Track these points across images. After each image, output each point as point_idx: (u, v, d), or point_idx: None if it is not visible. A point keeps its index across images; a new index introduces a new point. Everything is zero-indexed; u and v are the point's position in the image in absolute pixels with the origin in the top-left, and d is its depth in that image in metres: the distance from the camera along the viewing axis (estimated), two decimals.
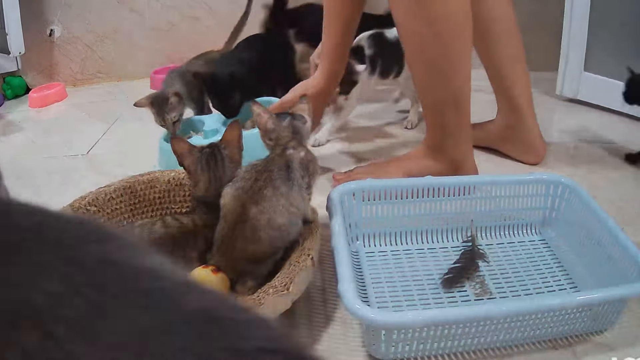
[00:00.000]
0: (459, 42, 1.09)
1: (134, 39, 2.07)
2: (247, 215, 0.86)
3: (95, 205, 1.02)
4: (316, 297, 0.95)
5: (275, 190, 0.86)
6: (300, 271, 0.82)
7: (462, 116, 1.17)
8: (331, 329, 0.88)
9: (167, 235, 0.90)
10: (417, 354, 0.82)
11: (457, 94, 1.14)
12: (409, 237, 1.08)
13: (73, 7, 2.02)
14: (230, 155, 0.95)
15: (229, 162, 0.95)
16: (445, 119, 1.18)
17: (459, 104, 1.16)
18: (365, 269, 1.01)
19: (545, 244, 1.08)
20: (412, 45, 1.12)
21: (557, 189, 1.08)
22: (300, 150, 0.91)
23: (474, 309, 0.84)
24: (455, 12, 1.06)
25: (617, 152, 1.49)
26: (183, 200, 1.11)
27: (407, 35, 1.12)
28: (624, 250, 0.88)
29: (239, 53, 1.54)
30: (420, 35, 1.08)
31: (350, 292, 0.76)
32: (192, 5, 1.97)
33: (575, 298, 0.80)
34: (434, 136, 1.21)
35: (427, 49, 1.09)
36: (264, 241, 0.86)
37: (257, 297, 0.78)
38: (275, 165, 0.89)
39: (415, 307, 0.92)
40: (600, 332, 0.86)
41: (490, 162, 1.44)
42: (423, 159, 1.23)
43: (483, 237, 1.09)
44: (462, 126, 1.18)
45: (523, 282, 0.97)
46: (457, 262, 1.01)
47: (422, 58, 1.12)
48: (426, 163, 1.22)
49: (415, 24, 1.07)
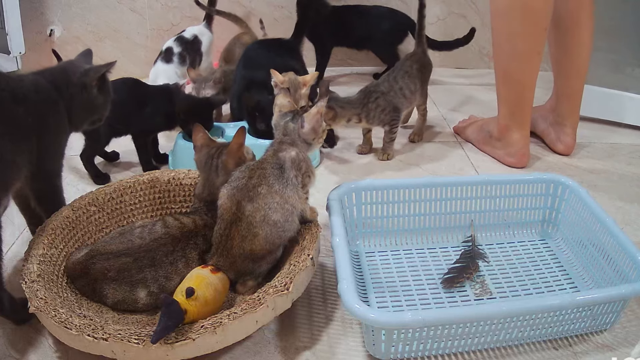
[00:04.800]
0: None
1: (134, 39, 2.07)
2: (243, 213, 0.86)
3: (95, 205, 1.02)
4: (316, 297, 0.95)
5: (269, 188, 0.87)
6: (300, 271, 0.82)
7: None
8: (331, 329, 0.88)
9: (168, 236, 0.91)
10: (417, 354, 0.82)
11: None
12: (409, 237, 1.08)
13: (73, 7, 2.02)
14: (224, 162, 0.96)
15: (222, 169, 0.96)
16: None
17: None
18: (365, 269, 1.01)
19: (545, 244, 1.08)
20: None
21: (557, 189, 1.08)
22: (291, 150, 0.91)
23: (474, 309, 0.85)
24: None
25: (617, 152, 1.49)
26: (183, 200, 1.11)
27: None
28: (624, 250, 0.88)
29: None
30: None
31: (350, 292, 0.76)
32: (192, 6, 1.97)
33: (575, 298, 0.80)
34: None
35: None
36: (260, 238, 0.87)
37: (257, 297, 0.78)
38: (268, 164, 0.90)
39: (415, 307, 0.92)
40: (600, 332, 0.87)
41: (491, 162, 1.45)
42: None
43: (483, 237, 1.09)
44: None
45: (523, 282, 0.97)
46: (457, 262, 1.01)
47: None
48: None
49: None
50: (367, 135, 1.50)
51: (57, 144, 0.97)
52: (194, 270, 0.85)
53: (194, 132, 1.01)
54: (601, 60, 1.53)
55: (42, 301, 0.78)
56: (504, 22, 1.30)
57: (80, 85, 0.98)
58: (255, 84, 1.48)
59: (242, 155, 0.97)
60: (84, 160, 1.34)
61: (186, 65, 1.73)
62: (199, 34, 1.81)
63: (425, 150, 1.52)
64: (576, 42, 1.36)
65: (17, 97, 0.87)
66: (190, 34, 1.79)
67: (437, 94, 1.89)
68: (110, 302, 0.88)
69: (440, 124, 1.69)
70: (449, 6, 2.09)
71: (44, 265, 0.86)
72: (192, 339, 0.72)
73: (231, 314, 0.75)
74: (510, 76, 1.34)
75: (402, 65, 1.47)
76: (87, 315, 0.81)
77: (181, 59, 1.70)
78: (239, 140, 0.97)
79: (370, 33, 1.95)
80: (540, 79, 1.36)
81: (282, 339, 0.86)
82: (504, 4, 1.27)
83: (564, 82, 1.43)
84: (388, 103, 1.40)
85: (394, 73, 1.45)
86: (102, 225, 1.03)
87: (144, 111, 1.32)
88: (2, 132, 0.82)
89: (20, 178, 0.89)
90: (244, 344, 0.84)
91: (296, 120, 0.94)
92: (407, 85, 1.44)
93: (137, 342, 0.71)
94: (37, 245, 0.89)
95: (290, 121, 0.94)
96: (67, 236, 0.95)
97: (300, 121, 0.93)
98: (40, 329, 0.86)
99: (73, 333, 0.73)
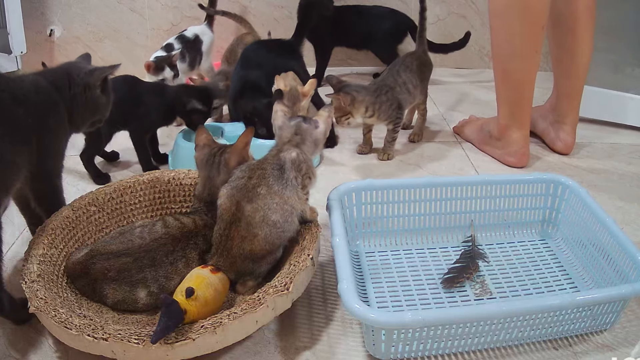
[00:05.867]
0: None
1: (134, 39, 2.07)
2: (242, 213, 0.87)
3: (95, 205, 1.02)
4: (316, 297, 0.95)
5: (269, 188, 0.87)
6: (300, 271, 0.82)
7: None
8: (331, 329, 0.88)
9: (168, 236, 0.91)
10: (417, 354, 0.82)
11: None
12: (409, 237, 1.08)
13: (73, 7, 2.02)
14: (227, 160, 0.96)
15: (224, 166, 0.96)
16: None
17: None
18: (365, 269, 1.01)
19: (545, 244, 1.08)
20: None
21: (557, 189, 1.08)
22: (292, 151, 0.91)
23: (474, 309, 0.85)
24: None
25: (617, 152, 1.49)
26: (183, 200, 1.11)
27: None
28: (624, 250, 0.88)
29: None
30: None
31: (350, 292, 0.76)
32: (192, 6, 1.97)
33: (575, 298, 0.80)
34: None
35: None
36: (259, 238, 0.87)
37: (257, 297, 0.78)
38: (268, 164, 0.90)
39: (415, 307, 0.92)
40: (600, 332, 0.87)
41: (491, 162, 1.45)
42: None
43: (483, 237, 1.09)
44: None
45: (523, 282, 0.97)
46: (457, 262, 1.01)
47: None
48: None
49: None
50: (367, 135, 1.50)
51: (57, 144, 0.97)
52: (194, 270, 0.85)
53: (197, 133, 1.01)
54: (601, 60, 1.53)
55: (42, 301, 0.78)
56: (502, 21, 1.30)
57: (84, 85, 0.98)
58: (250, 86, 1.48)
59: (246, 155, 0.97)
60: (84, 160, 1.34)
61: (185, 63, 1.73)
62: (200, 34, 1.81)
63: (425, 150, 1.52)
64: (578, 42, 1.36)
65: (17, 98, 0.87)
66: (192, 33, 1.80)
67: (437, 93, 1.90)
68: (110, 302, 0.88)
69: (440, 124, 1.69)
70: (449, 6, 2.10)
71: (44, 265, 0.86)
72: (192, 339, 0.72)
73: (231, 314, 0.75)
74: (510, 75, 1.34)
75: (404, 61, 1.48)
76: (87, 315, 0.81)
77: (181, 56, 1.70)
78: (245, 139, 0.97)
79: (371, 33, 1.95)
80: (540, 78, 1.36)
81: (282, 339, 0.86)
82: (502, 4, 1.28)
83: (564, 81, 1.43)
84: (394, 99, 1.41)
85: (396, 67, 1.46)
86: (102, 225, 1.03)
87: (140, 107, 1.32)
88: (2, 133, 0.82)
89: (20, 179, 0.89)
90: (244, 344, 0.84)
91: (309, 121, 0.94)
92: (409, 80, 1.44)
93: (137, 342, 0.71)
94: (37, 245, 0.89)
95: (303, 122, 0.94)
96: (67, 236, 0.95)
97: (314, 122, 0.94)
98: (40, 329, 0.86)
99: (73, 333, 0.73)
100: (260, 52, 1.60)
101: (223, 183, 0.92)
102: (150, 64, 1.58)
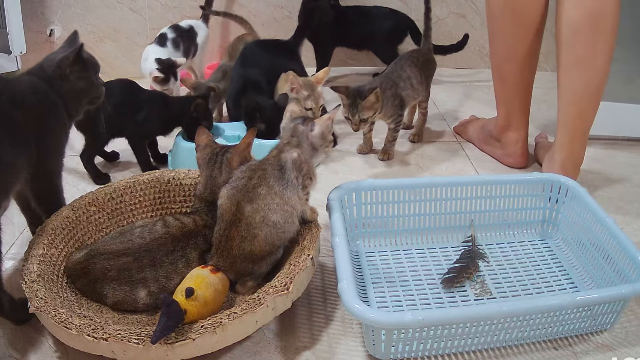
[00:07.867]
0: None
1: (134, 39, 2.07)
2: (242, 213, 0.87)
3: (95, 205, 1.02)
4: (316, 297, 0.95)
5: (269, 189, 0.87)
6: (300, 271, 0.82)
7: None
8: (331, 329, 0.88)
9: (168, 235, 0.91)
10: (417, 354, 0.82)
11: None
12: (409, 237, 1.08)
13: (73, 7, 2.02)
14: (229, 160, 0.96)
15: (226, 166, 0.96)
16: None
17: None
18: (365, 269, 1.01)
19: (545, 244, 1.08)
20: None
21: (557, 189, 1.08)
22: (293, 151, 0.91)
23: (474, 309, 0.85)
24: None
25: (617, 152, 1.49)
26: (183, 200, 1.11)
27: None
28: (624, 250, 0.88)
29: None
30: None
31: (349, 292, 0.76)
32: (192, 6, 1.97)
33: (575, 298, 0.80)
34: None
35: None
36: (260, 239, 0.87)
37: (257, 297, 0.78)
38: (269, 164, 0.90)
39: (415, 307, 0.92)
40: (600, 332, 0.87)
41: (491, 162, 1.45)
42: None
43: (483, 237, 1.09)
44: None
45: (523, 282, 0.97)
46: (457, 262, 1.01)
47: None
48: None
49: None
50: (367, 135, 1.50)
51: (56, 145, 0.97)
52: (194, 270, 0.85)
53: (197, 133, 1.01)
54: (611, 72, 1.40)
55: (42, 301, 0.78)
56: (497, 24, 1.30)
57: (59, 78, 0.98)
58: (252, 84, 1.48)
59: (248, 155, 0.97)
60: (84, 161, 1.33)
61: (180, 52, 1.73)
62: (195, 26, 1.82)
63: (425, 151, 1.52)
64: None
65: (15, 100, 0.87)
66: (187, 24, 1.81)
67: (437, 94, 1.89)
68: (110, 302, 0.88)
69: (440, 124, 1.69)
70: (449, 6, 2.09)
71: (44, 265, 0.86)
72: (192, 339, 0.72)
73: (231, 314, 0.75)
74: (506, 77, 1.34)
75: (410, 56, 1.48)
76: (87, 315, 0.81)
77: (175, 44, 1.70)
78: (247, 139, 0.97)
79: (371, 33, 1.95)
80: (541, 79, 1.36)
81: (282, 339, 0.86)
82: (496, 7, 1.27)
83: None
84: (397, 95, 1.41)
85: (401, 62, 1.46)
86: (102, 225, 1.03)
87: (139, 115, 1.32)
88: (1, 136, 0.82)
89: (20, 180, 0.89)
90: (244, 344, 0.84)
91: (306, 123, 0.94)
92: (414, 75, 1.44)
93: (137, 342, 0.71)
94: (37, 245, 0.89)
95: (301, 124, 0.94)
96: (67, 236, 0.95)
97: (310, 124, 0.94)
98: (40, 329, 0.86)
99: (73, 333, 0.73)
100: (258, 51, 1.60)
101: (225, 183, 0.92)
102: (158, 76, 1.58)
